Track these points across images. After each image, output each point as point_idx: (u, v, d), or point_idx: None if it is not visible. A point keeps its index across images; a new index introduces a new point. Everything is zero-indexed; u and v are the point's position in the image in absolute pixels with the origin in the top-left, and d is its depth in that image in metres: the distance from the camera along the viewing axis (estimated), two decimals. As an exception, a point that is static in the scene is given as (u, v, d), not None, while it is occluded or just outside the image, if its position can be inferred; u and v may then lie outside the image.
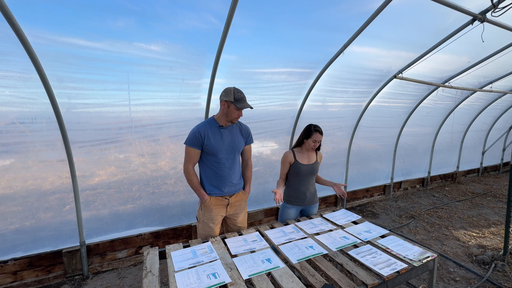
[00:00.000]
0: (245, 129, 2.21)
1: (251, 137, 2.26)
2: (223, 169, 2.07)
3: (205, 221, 2.10)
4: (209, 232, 2.10)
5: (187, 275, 1.53)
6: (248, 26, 2.64)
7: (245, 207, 2.31)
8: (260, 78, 3.20)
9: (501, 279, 2.80)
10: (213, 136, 2.02)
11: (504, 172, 8.03)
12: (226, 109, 1.98)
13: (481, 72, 4.39)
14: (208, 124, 2.05)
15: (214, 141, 2.02)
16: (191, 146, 2.01)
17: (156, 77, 2.72)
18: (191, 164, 2.06)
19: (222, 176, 2.08)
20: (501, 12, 2.64)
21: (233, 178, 2.13)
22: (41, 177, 2.60)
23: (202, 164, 2.11)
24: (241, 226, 2.27)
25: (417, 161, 5.91)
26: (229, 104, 1.96)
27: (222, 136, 2.06)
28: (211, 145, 2.01)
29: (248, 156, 2.30)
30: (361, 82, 3.92)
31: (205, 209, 2.10)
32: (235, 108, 1.96)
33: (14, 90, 2.30)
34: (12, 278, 2.57)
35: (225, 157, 2.07)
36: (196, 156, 2.05)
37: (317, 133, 2.30)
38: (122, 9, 2.19)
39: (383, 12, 2.62)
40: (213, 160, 2.06)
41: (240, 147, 2.16)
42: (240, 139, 2.16)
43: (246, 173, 2.29)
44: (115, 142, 2.86)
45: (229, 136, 2.09)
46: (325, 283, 1.48)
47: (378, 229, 2.18)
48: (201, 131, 2.00)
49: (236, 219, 2.24)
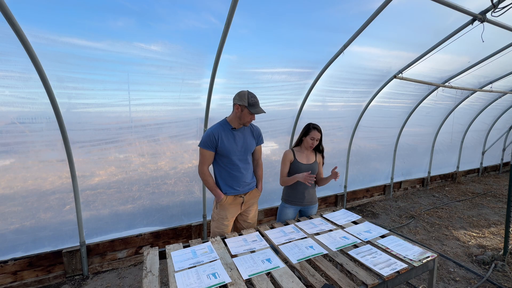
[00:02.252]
0: (256, 130, 2.27)
1: (261, 137, 2.32)
2: (237, 170, 2.12)
3: (220, 220, 2.15)
4: (223, 229, 2.16)
5: (187, 275, 1.53)
6: (248, 26, 2.64)
7: (257, 204, 2.38)
8: (260, 78, 3.20)
9: (501, 279, 2.80)
10: (227, 138, 2.06)
11: (504, 172, 8.02)
12: (240, 112, 2.01)
13: (481, 72, 4.39)
14: (221, 127, 2.08)
15: (227, 143, 2.06)
16: (205, 148, 2.05)
17: (156, 77, 2.72)
18: (206, 166, 2.11)
19: (237, 176, 2.13)
20: (501, 12, 2.64)
21: (246, 178, 2.19)
22: (41, 177, 2.60)
23: (217, 165, 2.16)
24: (251, 222, 2.32)
25: (417, 161, 5.91)
26: (242, 108, 1.99)
27: (235, 138, 2.10)
28: (224, 147, 2.05)
29: (259, 156, 2.35)
30: (361, 82, 3.92)
31: (220, 207, 2.15)
32: (248, 113, 2.00)
33: (14, 90, 2.29)
34: (12, 278, 2.57)
35: (238, 159, 2.12)
36: (211, 157, 2.10)
37: (315, 131, 2.31)
38: (122, 9, 2.19)
39: (383, 12, 2.62)
40: (227, 161, 2.10)
41: (252, 148, 2.21)
42: (252, 141, 2.20)
43: (257, 172, 2.35)
44: (115, 142, 2.86)
45: (241, 138, 2.13)
46: (325, 283, 1.48)
47: (378, 229, 2.18)
48: (215, 134, 2.03)
49: (247, 215, 2.30)
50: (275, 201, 4.00)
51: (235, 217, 2.25)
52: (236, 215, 2.24)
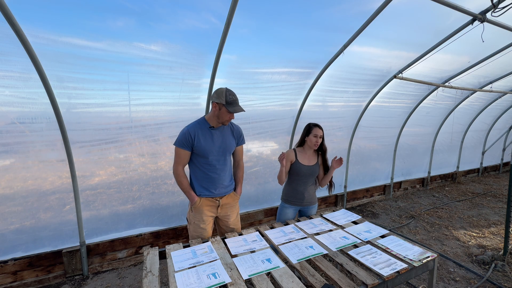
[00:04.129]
0: (236, 130, 2.17)
1: (242, 137, 2.21)
2: (213, 171, 2.03)
3: (196, 223, 2.07)
4: (201, 233, 2.07)
5: (187, 275, 1.52)
6: (248, 26, 2.64)
7: (237, 208, 2.27)
8: (260, 78, 3.20)
9: (501, 279, 2.80)
10: (204, 137, 1.97)
11: (504, 172, 8.02)
12: (218, 111, 1.93)
13: (481, 72, 4.39)
14: (198, 125, 2.00)
15: (204, 142, 1.97)
16: (180, 147, 1.96)
17: (156, 77, 2.72)
18: (180, 166, 2.02)
19: (213, 178, 2.04)
20: (501, 12, 2.64)
21: (224, 180, 2.09)
22: (41, 177, 2.60)
23: (192, 165, 2.07)
24: (234, 227, 2.22)
25: (417, 161, 5.91)
26: (220, 106, 1.91)
27: (212, 137, 2.01)
28: (201, 147, 1.96)
29: (240, 157, 2.25)
30: (361, 82, 3.92)
31: (195, 210, 2.06)
32: (226, 111, 1.90)
33: (14, 90, 2.29)
34: (12, 278, 2.57)
35: (216, 159, 2.03)
36: (186, 157, 2.00)
37: (316, 128, 2.30)
38: (122, 9, 2.19)
39: (383, 12, 2.62)
40: (203, 161, 2.01)
41: (231, 148, 2.12)
42: (231, 141, 2.11)
43: (237, 174, 2.25)
44: (115, 142, 2.86)
45: (220, 137, 2.04)
46: (325, 283, 1.48)
47: (378, 229, 2.18)
48: (191, 132, 1.95)
49: (227, 221, 2.19)
50: (275, 201, 4.00)
51: (212, 221, 2.13)
52: (213, 218, 2.14)
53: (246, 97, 3.27)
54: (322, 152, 2.45)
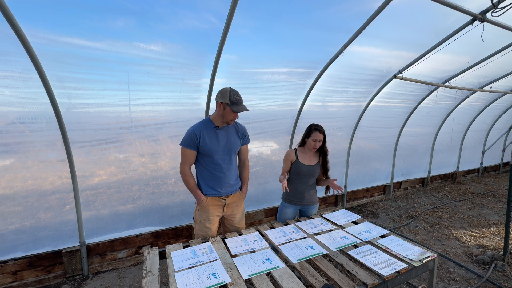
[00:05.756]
0: (241, 129, 2.20)
1: (247, 137, 2.24)
2: (219, 170, 2.06)
3: (202, 222, 2.09)
4: (207, 232, 2.10)
5: (187, 275, 1.53)
6: (248, 26, 2.63)
7: (243, 208, 2.29)
8: (260, 78, 3.20)
9: (501, 279, 2.80)
10: (209, 137, 2.01)
11: (504, 172, 8.02)
12: (222, 111, 1.96)
13: (481, 72, 4.39)
14: (203, 125, 2.03)
15: (209, 142, 2.00)
16: (186, 147, 2.00)
17: (156, 77, 2.72)
18: (187, 165, 2.05)
19: (219, 177, 2.06)
20: (501, 12, 2.64)
21: (230, 179, 2.12)
22: (41, 177, 2.60)
23: (199, 165, 2.10)
24: (239, 226, 2.25)
25: (417, 161, 5.91)
26: (224, 106, 1.93)
27: (217, 137, 2.04)
28: (206, 146, 1.99)
29: (245, 156, 2.28)
30: (361, 82, 3.92)
31: (201, 209, 2.09)
32: (231, 111, 1.93)
33: (14, 90, 2.29)
34: (12, 278, 2.57)
35: (221, 158, 2.06)
36: (192, 157, 2.04)
37: (317, 132, 2.30)
38: (122, 9, 2.19)
39: (383, 12, 2.62)
40: (209, 161, 2.04)
41: (236, 147, 2.14)
42: (236, 140, 2.14)
43: (243, 173, 2.27)
44: (115, 142, 2.86)
45: (225, 137, 2.07)
46: (325, 283, 1.48)
47: (378, 229, 2.18)
48: (197, 132, 1.98)
49: (233, 220, 2.23)
50: (275, 201, 4.00)
51: (218, 220, 2.16)
52: (219, 218, 2.16)
53: (246, 97, 3.23)
54: (323, 153, 2.45)
